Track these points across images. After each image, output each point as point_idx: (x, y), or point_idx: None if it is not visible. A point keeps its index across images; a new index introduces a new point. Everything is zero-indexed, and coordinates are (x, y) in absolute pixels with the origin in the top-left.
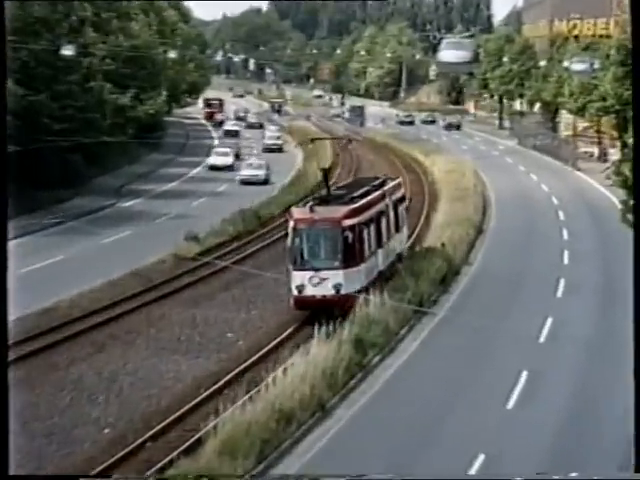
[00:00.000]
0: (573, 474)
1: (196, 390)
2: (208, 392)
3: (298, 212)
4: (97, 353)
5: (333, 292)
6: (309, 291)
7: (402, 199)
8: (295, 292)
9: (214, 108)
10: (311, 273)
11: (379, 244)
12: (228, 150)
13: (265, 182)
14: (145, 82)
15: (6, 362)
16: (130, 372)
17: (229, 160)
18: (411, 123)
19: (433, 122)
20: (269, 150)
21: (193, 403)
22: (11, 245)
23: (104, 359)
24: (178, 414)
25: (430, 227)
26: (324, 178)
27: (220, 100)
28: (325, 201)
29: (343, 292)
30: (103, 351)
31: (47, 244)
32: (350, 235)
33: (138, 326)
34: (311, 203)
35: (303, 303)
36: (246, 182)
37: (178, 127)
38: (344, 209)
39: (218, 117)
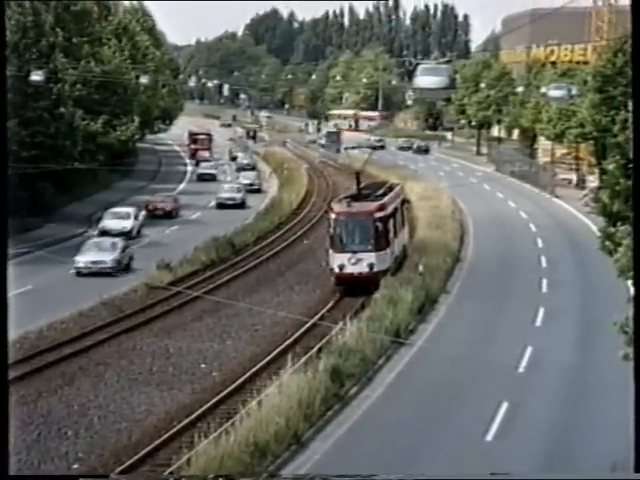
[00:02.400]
0: (573, 474)
1: (169, 423)
2: (181, 425)
3: (338, 206)
4: (66, 386)
5: (367, 270)
6: (348, 269)
7: (404, 201)
8: (337, 270)
9: (201, 144)
10: (349, 254)
11: (395, 234)
12: (130, 210)
13: (113, 273)
14: (117, 108)
15: (6, 364)
16: (101, 405)
17: (127, 224)
18: (382, 147)
19: (410, 148)
20: (222, 206)
21: (165, 437)
22: None
23: (74, 392)
24: (150, 448)
25: (407, 255)
26: (356, 179)
27: (209, 135)
28: (356, 198)
29: (375, 270)
30: (73, 384)
31: (15, 274)
32: (380, 225)
33: (109, 358)
34: (347, 199)
35: (343, 279)
36: (85, 273)
37: (150, 153)
38: (374, 204)
39: (204, 155)
